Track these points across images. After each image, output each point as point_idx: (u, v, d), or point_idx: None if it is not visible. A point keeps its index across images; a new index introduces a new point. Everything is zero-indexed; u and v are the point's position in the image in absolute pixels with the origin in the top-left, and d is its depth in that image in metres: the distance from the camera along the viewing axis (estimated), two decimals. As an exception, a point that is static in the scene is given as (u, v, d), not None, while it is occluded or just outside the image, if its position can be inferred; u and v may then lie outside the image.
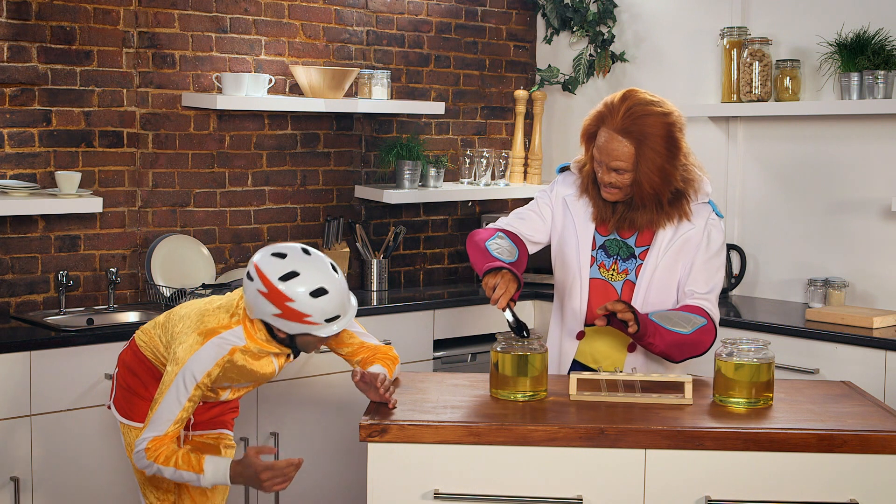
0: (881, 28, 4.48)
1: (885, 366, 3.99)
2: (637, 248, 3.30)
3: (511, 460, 2.73)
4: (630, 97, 3.19)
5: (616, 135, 3.16)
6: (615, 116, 3.16)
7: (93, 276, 4.42)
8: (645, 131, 3.15)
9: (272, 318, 2.93)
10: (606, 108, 3.21)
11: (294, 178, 4.96)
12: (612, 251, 3.32)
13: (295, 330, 2.94)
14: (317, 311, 2.91)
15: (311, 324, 2.92)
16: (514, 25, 5.68)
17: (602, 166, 3.21)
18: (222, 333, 2.97)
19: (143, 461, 2.96)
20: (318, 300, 2.90)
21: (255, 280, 2.92)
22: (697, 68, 5.15)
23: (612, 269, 3.31)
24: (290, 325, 2.93)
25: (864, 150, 4.64)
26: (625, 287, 3.30)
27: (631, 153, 3.15)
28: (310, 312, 2.90)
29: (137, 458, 2.96)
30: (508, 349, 2.96)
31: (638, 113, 3.15)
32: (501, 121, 5.66)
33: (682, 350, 3.17)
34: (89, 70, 4.37)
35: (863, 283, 4.65)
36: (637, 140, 3.15)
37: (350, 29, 5.07)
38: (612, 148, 3.16)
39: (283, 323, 2.93)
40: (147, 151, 4.54)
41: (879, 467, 2.70)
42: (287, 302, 2.89)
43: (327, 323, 2.94)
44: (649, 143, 3.15)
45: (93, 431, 3.88)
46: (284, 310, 2.90)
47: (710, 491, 2.72)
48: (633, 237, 3.31)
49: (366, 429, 2.73)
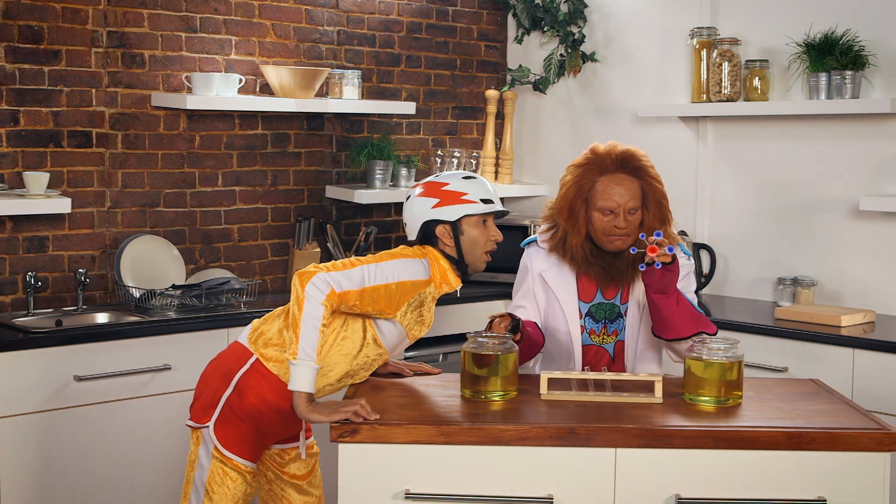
0: (849, 29, 4.51)
1: (852, 364, 4.02)
2: (622, 306, 3.31)
3: (482, 460, 2.73)
4: (608, 147, 3.25)
5: (620, 175, 3.20)
6: (609, 161, 3.22)
7: (62, 277, 4.39)
8: (641, 165, 3.22)
9: (432, 210, 3.10)
10: (595, 161, 3.23)
11: (265, 178, 4.95)
12: (598, 316, 3.32)
13: (455, 213, 3.09)
14: (471, 190, 3.13)
15: (469, 202, 3.11)
16: (484, 25, 5.69)
17: (614, 214, 3.19)
18: (421, 259, 3.10)
19: (319, 293, 2.88)
20: (469, 182, 3.15)
21: (413, 191, 3.17)
22: (667, 68, 5.17)
23: (602, 334, 3.32)
24: (450, 210, 3.10)
25: (833, 150, 4.67)
26: (616, 347, 3.32)
27: (638, 189, 3.21)
28: (465, 191, 3.12)
29: (319, 281, 2.89)
30: (479, 349, 2.97)
31: (629, 152, 3.24)
32: (472, 121, 5.66)
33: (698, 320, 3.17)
34: (58, 70, 4.34)
35: (831, 281, 4.68)
36: (638, 176, 3.22)
37: (321, 29, 5.07)
38: (623, 189, 3.19)
39: (444, 211, 3.10)
40: (116, 151, 4.51)
41: (847, 464, 2.72)
42: (443, 186, 3.13)
43: (483, 203, 3.12)
44: (650, 177, 3.22)
45: (62, 434, 3.86)
46: (442, 195, 3.11)
47: (680, 489, 2.73)
48: (618, 295, 3.31)
49: (336, 429, 2.73)
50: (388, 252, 3.11)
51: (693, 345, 2.99)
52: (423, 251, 3.13)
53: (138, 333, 4.03)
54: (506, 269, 5.13)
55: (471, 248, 3.13)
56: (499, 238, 3.18)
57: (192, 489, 3.12)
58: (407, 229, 3.19)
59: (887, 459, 2.72)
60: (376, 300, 2.99)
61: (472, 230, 3.12)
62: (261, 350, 3.09)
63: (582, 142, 5.51)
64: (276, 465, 3.26)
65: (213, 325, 4.19)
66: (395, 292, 3.01)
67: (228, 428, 3.07)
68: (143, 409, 4.03)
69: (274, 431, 3.13)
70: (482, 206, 3.13)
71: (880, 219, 4.53)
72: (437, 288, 3.13)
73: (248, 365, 3.09)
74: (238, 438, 3.08)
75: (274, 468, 3.26)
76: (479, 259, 3.15)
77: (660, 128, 5.20)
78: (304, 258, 4.95)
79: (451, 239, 3.12)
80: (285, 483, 3.27)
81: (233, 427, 3.07)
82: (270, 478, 3.27)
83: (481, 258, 3.16)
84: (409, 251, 3.12)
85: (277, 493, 3.27)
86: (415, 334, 3.14)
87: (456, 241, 3.12)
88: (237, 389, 3.07)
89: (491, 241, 3.16)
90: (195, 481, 3.10)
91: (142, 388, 4.03)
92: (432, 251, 3.13)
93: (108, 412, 3.96)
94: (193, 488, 3.11)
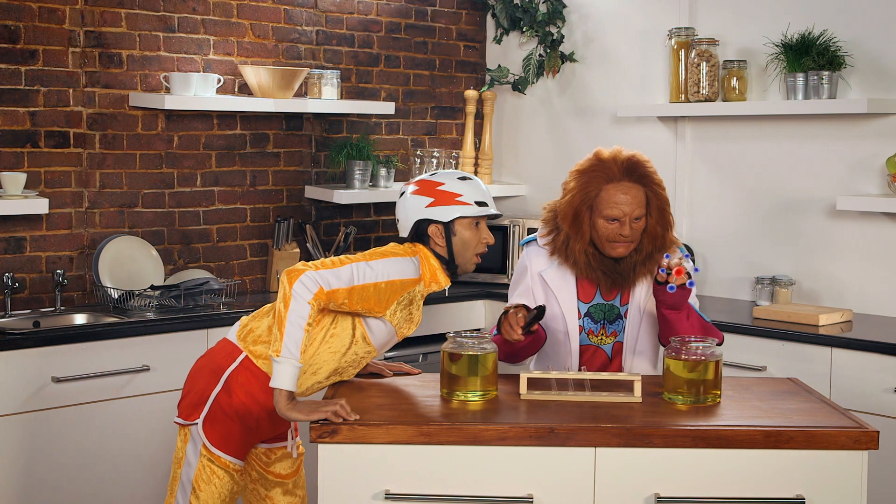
0: (825, 29, 4.53)
1: (830, 362, 4.04)
2: (622, 307, 3.31)
3: (462, 460, 2.73)
4: (613, 153, 3.24)
5: (626, 183, 3.19)
6: (616, 169, 3.20)
7: (39, 278, 4.37)
8: (647, 173, 3.22)
9: (426, 210, 3.10)
10: (601, 169, 3.21)
11: (243, 178, 4.94)
12: (597, 317, 3.31)
13: (449, 214, 3.10)
14: (466, 192, 3.14)
15: (463, 204, 3.12)
16: (463, 25, 5.69)
17: (619, 223, 3.18)
18: (411, 257, 3.10)
19: (306, 291, 2.89)
20: (465, 183, 3.16)
21: (408, 188, 3.17)
22: (646, 68, 5.18)
23: (601, 335, 3.31)
24: (444, 211, 3.10)
25: (810, 150, 4.69)
26: (614, 348, 3.32)
27: (643, 196, 3.21)
28: (460, 192, 3.13)
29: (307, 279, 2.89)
30: (459, 349, 2.97)
31: (635, 160, 3.22)
32: (451, 121, 5.66)
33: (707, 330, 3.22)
34: (34, 70, 4.32)
35: (809, 281, 4.71)
36: (644, 184, 3.21)
37: (299, 29, 5.06)
38: (629, 198, 3.18)
39: (438, 211, 3.10)
40: (94, 152, 4.49)
41: (825, 463, 2.73)
42: (438, 186, 3.13)
43: (478, 206, 3.13)
44: (654, 183, 3.22)
45: (40, 436, 3.84)
46: (437, 195, 3.11)
47: (659, 488, 2.74)
48: (617, 297, 3.31)
49: (316, 430, 2.73)
50: (378, 250, 3.10)
51: (672, 344, 3.00)
52: (413, 249, 3.13)
53: (117, 334, 4.02)
54: (486, 270, 5.15)
55: (462, 249, 3.14)
56: (490, 241, 3.18)
57: (178, 486, 3.11)
58: (399, 225, 3.19)
59: (865, 457, 2.74)
60: (365, 298, 2.99)
61: (464, 231, 3.13)
62: (250, 347, 3.09)
63: (561, 142, 5.53)
64: (261, 464, 3.25)
65: (192, 326, 4.18)
66: (385, 291, 3.02)
67: (217, 426, 3.07)
68: (122, 410, 4.02)
69: (262, 429, 3.13)
70: (476, 209, 3.13)
71: (857, 218, 4.56)
72: (426, 286, 3.13)
73: (237, 362, 3.09)
74: (226, 436, 3.07)
75: (259, 467, 3.25)
76: (470, 261, 3.16)
77: (638, 128, 5.21)
78: (283, 259, 4.95)
79: (442, 239, 3.12)
80: (270, 483, 3.26)
81: (221, 425, 3.07)
82: (254, 477, 3.27)
83: (471, 260, 3.16)
84: (399, 249, 3.12)
85: (261, 493, 3.27)
86: (403, 332, 3.14)
87: (448, 242, 3.12)
88: (226, 387, 3.07)
89: (482, 243, 3.17)
90: (182, 478, 3.10)
91: (121, 389, 4.02)
92: (423, 250, 3.14)
93: (86, 413, 3.94)
94: (180, 486, 3.11)
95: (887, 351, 3.91)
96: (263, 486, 3.26)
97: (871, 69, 4.48)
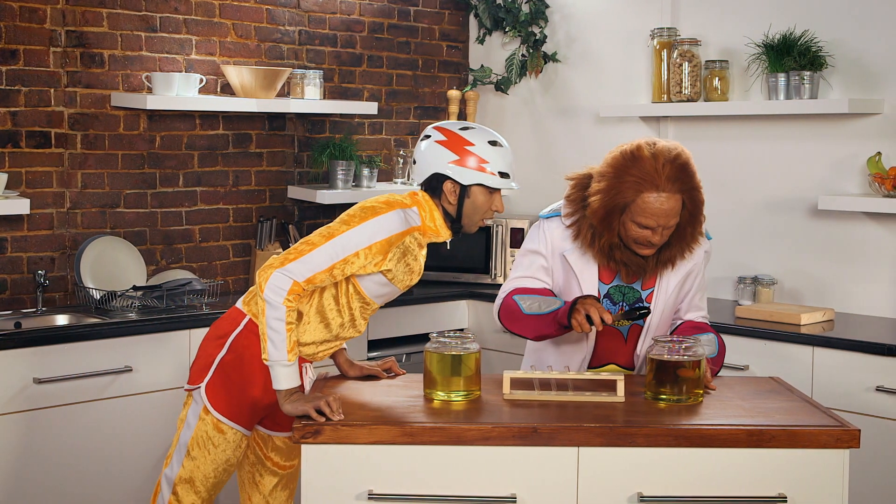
0: (807, 29, 4.55)
1: (812, 361, 4.06)
2: (643, 291, 3.25)
3: (445, 460, 2.73)
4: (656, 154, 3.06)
5: (665, 194, 3.03)
6: (658, 176, 3.02)
7: (20, 279, 4.35)
8: (690, 181, 3.08)
9: (448, 166, 3.00)
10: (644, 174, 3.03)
11: (226, 178, 4.92)
12: (616, 298, 3.24)
13: (469, 179, 3.00)
14: (493, 160, 3.03)
15: (487, 173, 3.01)
16: (446, 25, 5.69)
17: (651, 231, 3.08)
18: (406, 209, 3.01)
19: (278, 293, 2.87)
20: (495, 149, 3.04)
21: (433, 134, 3.04)
22: (628, 69, 5.20)
23: (619, 316, 3.17)
24: (466, 174, 3.00)
25: (792, 150, 4.71)
26: (631, 331, 3.27)
27: (680, 203, 3.07)
28: (487, 159, 3.02)
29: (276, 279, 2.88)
30: (442, 349, 2.97)
31: (679, 163, 3.06)
32: (434, 120, 5.66)
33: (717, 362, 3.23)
34: (15, 69, 4.30)
35: (791, 280, 4.72)
36: (685, 192, 3.07)
37: (282, 28, 5.05)
38: (666, 209, 3.03)
39: (459, 171, 3.00)
40: (76, 152, 4.48)
41: (807, 461, 2.74)
42: (466, 146, 3.00)
43: (501, 177, 3.04)
44: (694, 188, 3.10)
45: (21, 438, 3.82)
46: (463, 154, 3.00)
47: (643, 487, 2.74)
48: (639, 281, 3.24)
49: (299, 430, 2.73)
50: (367, 207, 3.00)
51: (653, 344, 3.01)
52: (413, 199, 3.06)
53: (99, 335, 4.00)
54: (469, 270, 5.15)
55: (471, 212, 3.07)
56: (500, 210, 3.13)
57: (175, 450, 3.15)
58: (414, 168, 3.11)
59: (846, 456, 2.75)
60: (351, 265, 2.96)
61: (479, 196, 3.06)
62: (254, 310, 3.11)
63: (544, 142, 5.53)
64: (260, 448, 3.27)
65: (175, 327, 4.16)
66: (372, 252, 2.97)
67: (221, 390, 3.10)
68: (105, 411, 4.00)
69: (268, 395, 3.11)
70: (498, 181, 3.04)
71: (839, 218, 4.58)
72: (424, 235, 3.06)
73: (241, 325, 3.12)
74: (228, 400, 3.10)
75: (259, 450, 3.27)
76: (475, 224, 3.11)
77: (621, 128, 5.22)
78: (266, 259, 4.94)
79: (455, 197, 3.05)
80: (266, 469, 3.27)
81: (225, 390, 3.10)
82: (252, 460, 3.28)
83: (477, 223, 3.11)
84: (393, 201, 3.02)
85: (256, 478, 3.28)
86: (406, 283, 3.10)
87: (459, 203, 3.06)
88: (231, 349, 3.11)
89: (492, 211, 3.12)
90: (180, 441, 3.12)
91: (103, 390, 4.00)
92: (429, 202, 3.06)
93: (68, 415, 3.92)
94: (177, 448, 3.14)
95: (868, 350, 3.93)
96: (259, 471, 3.28)
97: (852, 69, 4.50)
